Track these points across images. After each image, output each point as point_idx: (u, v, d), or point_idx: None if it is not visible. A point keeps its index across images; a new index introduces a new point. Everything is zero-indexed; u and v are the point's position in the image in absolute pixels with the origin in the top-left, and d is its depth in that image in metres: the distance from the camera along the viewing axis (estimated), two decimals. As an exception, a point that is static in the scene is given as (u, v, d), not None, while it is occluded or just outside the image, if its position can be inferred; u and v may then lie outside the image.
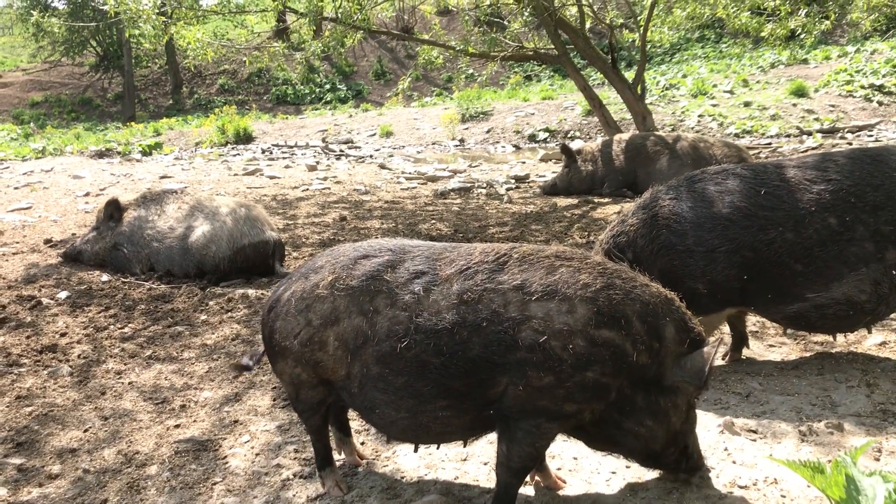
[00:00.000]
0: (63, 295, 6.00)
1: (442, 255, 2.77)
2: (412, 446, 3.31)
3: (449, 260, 2.73)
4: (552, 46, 11.77)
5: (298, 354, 2.82)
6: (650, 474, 3.06)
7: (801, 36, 12.33)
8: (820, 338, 4.46)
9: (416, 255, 2.79)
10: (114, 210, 6.81)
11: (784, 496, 2.85)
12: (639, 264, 3.40)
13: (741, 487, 2.92)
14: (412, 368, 2.61)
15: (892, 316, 4.71)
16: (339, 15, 10.12)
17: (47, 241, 7.85)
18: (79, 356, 4.82)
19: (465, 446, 3.20)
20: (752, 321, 4.74)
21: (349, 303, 2.73)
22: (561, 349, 2.51)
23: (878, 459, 3.10)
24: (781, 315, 3.90)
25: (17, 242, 7.88)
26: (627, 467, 3.13)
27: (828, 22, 11.77)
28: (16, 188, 11.55)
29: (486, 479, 3.13)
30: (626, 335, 2.57)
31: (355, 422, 3.64)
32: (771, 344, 4.48)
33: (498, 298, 2.59)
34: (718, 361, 4.23)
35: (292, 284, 2.91)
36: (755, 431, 3.40)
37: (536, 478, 3.03)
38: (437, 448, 3.28)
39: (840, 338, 4.44)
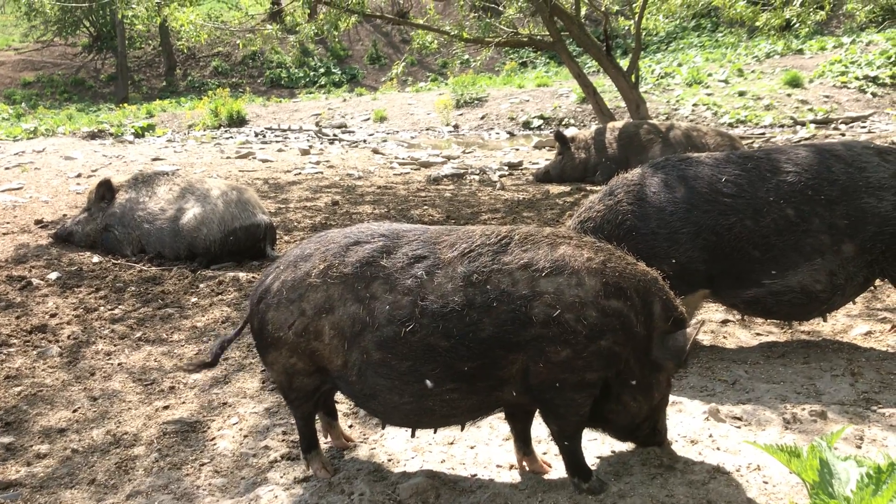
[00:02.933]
0: (53, 276, 5.99)
1: (440, 238, 2.79)
2: (402, 430, 3.34)
3: (449, 243, 2.76)
4: (547, 33, 11.74)
5: (294, 345, 2.80)
6: (634, 458, 3.09)
7: (797, 26, 12.32)
8: (806, 327, 4.50)
9: (412, 239, 2.79)
10: (105, 191, 6.79)
11: (766, 482, 2.88)
12: None
13: (724, 473, 2.95)
14: (418, 352, 2.62)
15: (878, 307, 4.76)
16: (334, -2, 10.08)
17: (38, 222, 7.82)
18: (68, 337, 4.82)
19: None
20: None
21: (344, 290, 2.72)
22: (575, 321, 2.60)
23: (859, 447, 3.14)
24: (739, 300, 4.04)
25: (8, 223, 7.85)
26: (612, 452, 3.16)
27: (823, 12, 11.76)
28: (7, 168, 11.50)
29: (472, 462, 3.15)
30: (630, 306, 2.70)
31: (342, 405, 3.66)
32: (758, 332, 4.51)
33: (506, 278, 2.64)
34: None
35: (281, 273, 2.87)
36: (740, 419, 3.42)
37: (523, 462, 3.05)
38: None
39: (826, 327, 4.48)
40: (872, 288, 4.39)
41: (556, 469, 3.06)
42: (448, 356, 2.62)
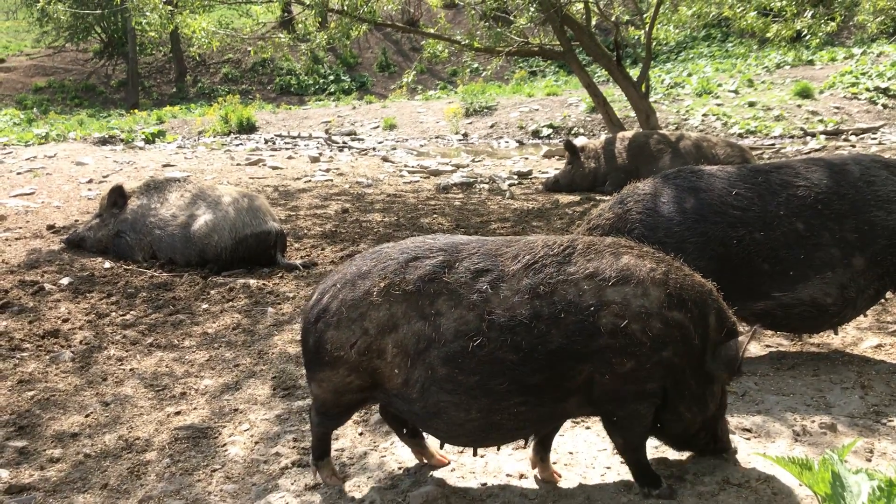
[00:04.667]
0: (65, 281, 6.04)
1: (500, 250, 2.79)
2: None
3: (511, 255, 2.76)
4: (557, 42, 11.78)
5: (355, 363, 2.77)
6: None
7: (807, 37, 12.32)
8: (816, 339, 4.50)
9: (472, 252, 2.78)
10: (118, 197, 6.84)
11: (776, 494, 2.88)
12: None
13: (734, 485, 2.95)
14: (486, 366, 2.62)
15: (889, 320, 4.75)
16: (345, 7, 10.13)
17: (50, 227, 7.88)
18: (80, 342, 4.86)
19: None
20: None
21: (407, 308, 2.70)
22: (641, 332, 2.64)
23: (869, 460, 3.14)
24: (748, 312, 4.04)
25: (20, 228, 7.91)
26: (622, 463, 3.17)
27: (833, 24, 11.76)
28: (19, 173, 11.57)
29: (482, 471, 3.16)
30: (690, 318, 2.74)
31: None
32: (767, 344, 4.51)
33: (573, 289, 2.66)
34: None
35: (339, 292, 2.82)
36: (749, 430, 3.43)
37: (535, 469, 3.06)
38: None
39: (836, 340, 4.48)
40: (883, 301, 4.39)
41: (566, 479, 3.07)
42: (517, 369, 2.62)
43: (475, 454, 3.14)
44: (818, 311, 3.94)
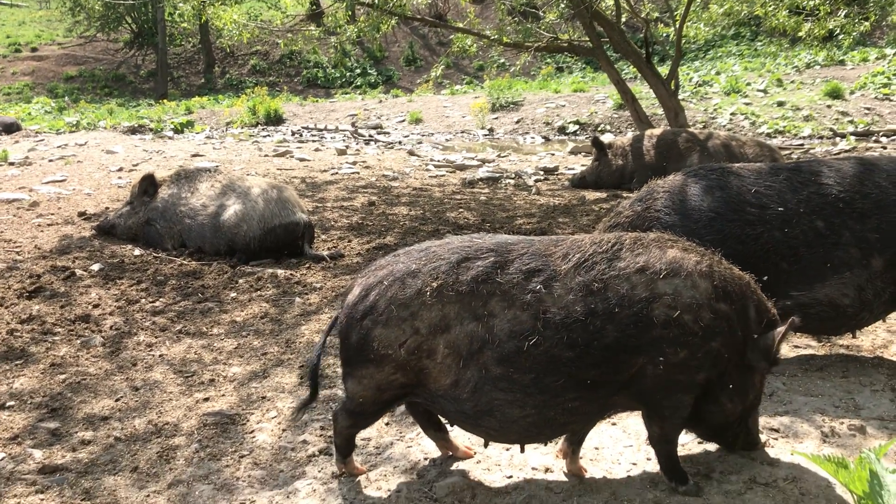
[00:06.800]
0: (96, 267, 6.11)
1: (549, 250, 2.82)
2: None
3: (561, 255, 2.79)
4: (586, 38, 11.72)
5: (403, 362, 2.75)
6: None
7: (840, 37, 12.16)
8: (845, 341, 4.46)
9: (521, 252, 2.80)
10: (148, 185, 6.92)
11: (804, 494, 2.87)
12: None
13: (761, 484, 2.94)
14: (542, 364, 2.65)
15: (920, 322, 4.69)
16: (376, 0, 10.15)
17: (81, 214, 7.98)
18: (111, 327, 4.92)
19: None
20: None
21: (460, 308, 2.70)
22: (692, 322, 2.70)
23: (899, 463, 3.11)
24: None
25: (52, 214, 8.03)
26: (648, 459, 3.17)
27: (867, 23, 11.60)
28: (50, 161, 11.73)
29: (508, 463, 3.18)
30: (734, 309, 2.80)
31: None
32: (795, 345, 4.48)
33: (625, 283, 2.71)
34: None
35: (387, 290, 2.79)
36: (777, 430, 3.41)
37: (565, 460, 3.08)
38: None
39: (867, 342, 4.44)
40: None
41: (592, 474, 3.07)
42: (573, 365, 2.65)
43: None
44: (835, 313, 3.90)
